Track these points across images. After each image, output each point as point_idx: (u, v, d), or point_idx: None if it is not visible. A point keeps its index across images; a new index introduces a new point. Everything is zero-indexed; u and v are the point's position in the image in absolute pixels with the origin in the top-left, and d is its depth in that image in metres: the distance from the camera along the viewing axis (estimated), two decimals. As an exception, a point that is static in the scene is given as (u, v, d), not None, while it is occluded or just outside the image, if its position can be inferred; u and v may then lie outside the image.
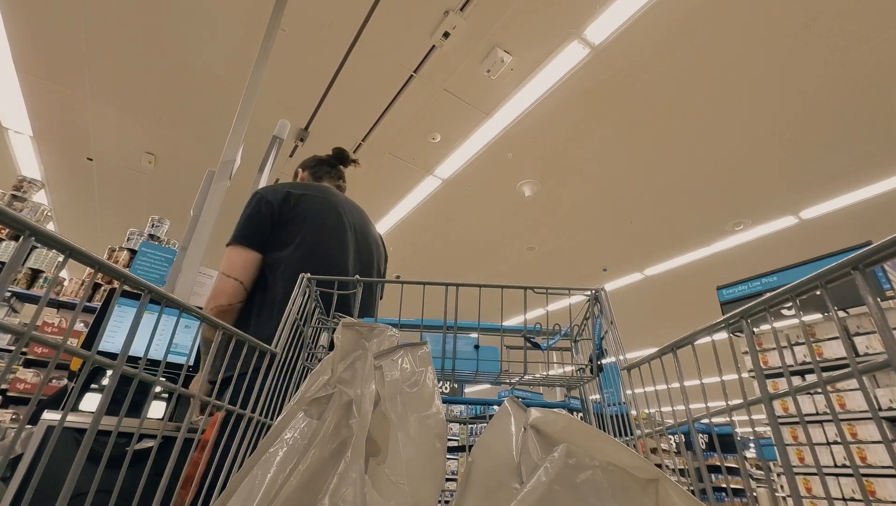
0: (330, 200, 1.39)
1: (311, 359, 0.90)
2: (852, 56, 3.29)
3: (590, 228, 5.65)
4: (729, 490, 0.52)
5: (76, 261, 0.43)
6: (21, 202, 4.21)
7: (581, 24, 3.20)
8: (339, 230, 1.35)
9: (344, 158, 1.68)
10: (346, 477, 0.40)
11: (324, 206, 1.36)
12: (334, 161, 1.66)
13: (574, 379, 0.87)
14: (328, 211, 1.35)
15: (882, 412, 3.19)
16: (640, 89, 3.68)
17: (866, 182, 4.52)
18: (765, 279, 4.22)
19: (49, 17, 3.46)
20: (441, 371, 0.91)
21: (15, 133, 4.73)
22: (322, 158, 1.66)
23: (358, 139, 4.47)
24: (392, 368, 0.53)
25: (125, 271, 0.49)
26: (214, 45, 3.61)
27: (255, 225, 1.25)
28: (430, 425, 0.47)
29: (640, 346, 9.27)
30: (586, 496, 0.37)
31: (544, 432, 0.44)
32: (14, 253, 0.39)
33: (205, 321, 0.62)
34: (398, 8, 3.21)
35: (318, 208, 1.34)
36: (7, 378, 3.39)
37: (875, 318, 0.31)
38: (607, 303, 0.78)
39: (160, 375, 0.57)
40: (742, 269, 5.52)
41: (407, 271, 7.09)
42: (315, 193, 1.38)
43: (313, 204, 1.33)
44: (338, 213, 1.38)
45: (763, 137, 4.07)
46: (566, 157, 4.48)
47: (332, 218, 1.35)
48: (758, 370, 0.43)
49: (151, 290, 0.53)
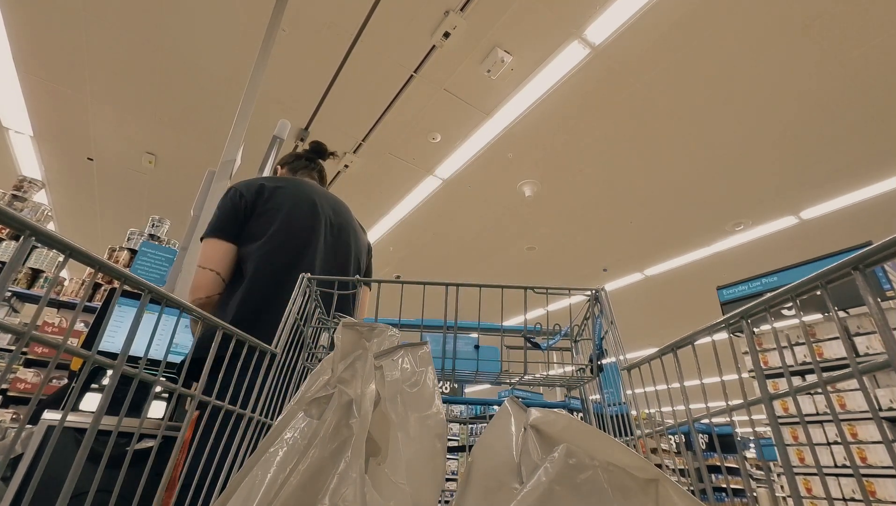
0: (303, 192, 1.38)
1: (311, 359, 0.90)
2: (852, 56, 3.29)
3: (590, 228, 5.65)
4: (729, 490, 0.52)
5: (76, 261, 0.43)
6: (21, 202, 4.22)
7: (581, 25, 3.20)
8: (312, 223, 1.34)
9: (321, 151, 1.67)
10: (346, 477, 0.40)
11: (297, 199, 1.35)
12: (312, 155, 1.66)
13: (574, 379, 0.87)
14: (301, 204, 1.34)
15: (882, 413, 3.19)
16: (640, 89, 3.68)
17: (867, 182, 4.52)
18: (765, 279, 4.22)
19: (50, 17, 3.46)
20: (441, 371, 0.91)
21: (15, 133, 4.74)
22: (299, 153, 1.66)
23: (358, 139, 4.47)
24: (392, 368, 0.53)
25: (125, 271, 0.49)
26: (215, 45, 3.61)
27: (229, 217, 1.26)
28: (430, 425, 0.47)
29: (641, 346, 9.27)
30: (586, 496, 0.37)
31: (544, 432, 0.44)
32: (14, 253, 0.39)
33: (205, 321, 0.62)
34: (398, 8, 3.21)
35: (291, 201, 1.33)
36: (7, 378, 3.39)
37: (875, 318, 0.31)
38: (607, 303, 0.78)
39: (160, 374, 0.57)
40: (742, 269, 5.51)
41: (407, 271, 7.09)
42: (289, 186, 1.37)
43: (286, 197, 1.33)
44: (311, 204, 1.37)
45: (763, 137, 4.07)
46: (566, 157, 4.48)
47: (304, 211, 1.34)
48: (758, 370, 0.43)
49: (151, 290, 0.53)
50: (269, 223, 1.27)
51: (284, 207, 1.31)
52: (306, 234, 1.32)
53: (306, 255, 1.29)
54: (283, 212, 1.30)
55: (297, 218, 1.31)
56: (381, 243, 6.35)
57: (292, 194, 1.35)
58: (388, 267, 7.03)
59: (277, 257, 1.23)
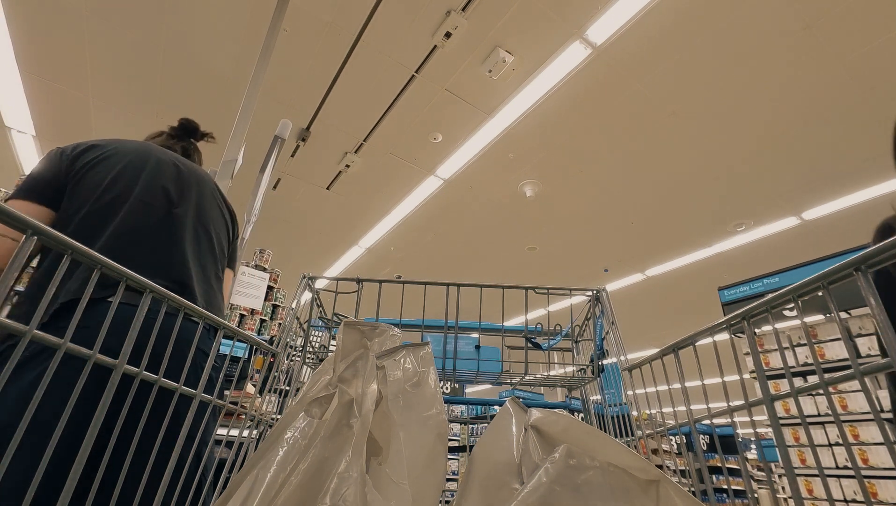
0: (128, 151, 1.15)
1: (305, 357, 0.91)
2: (855, 56, 3.28)
3: (591, 228, 5.64)
4: (730, 491, 0.52)
5: (78, 260, 0.43)
6: (23, 201, 4.22)
7: (583, 25, 3.20)
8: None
9: (189, 129, 1.40)
10: (347, 477, 0.40)
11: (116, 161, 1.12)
12: (178, 132, 1.39)
13: (575, 379, 0.87)
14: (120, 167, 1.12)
15: (884, 414, 3.17)
16: (641, 89, 3.67)
17: (869, 183, 4.51)
18: (766, 280, 4.22)
19: (52, 16, 3.47)
20: (442, 371, 0.91)
21: (17, 132, 4.75)
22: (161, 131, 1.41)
23: (359, 139, 4.47)
24: (394, 367, 0.53)
25: (127, 271, 0.49)
26: (216, 44, 3.62)
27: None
28: (431, 425, 0.47)
29: (641, 346, 9.26)
30: (587, 497, 0.37)
31: (545, 433, 0.44)
32: (17, 252, 0.39)
33: (206, 321, 0.62)
34: (400, 8, 3.21)
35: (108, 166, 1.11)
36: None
37: (877, 319, 0.31)
38: (608, 303, 0.78)
39: (161, 374, 0.57)
40: (744, 269, 5.50)
41: (408, 271, 7.10)
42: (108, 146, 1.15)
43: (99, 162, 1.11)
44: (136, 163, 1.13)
45: (765, 137, 4.07)
46: (568, 157, 4.48)
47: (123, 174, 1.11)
48: (759, 371, 0.43)
49: (153, 289, 0.53)
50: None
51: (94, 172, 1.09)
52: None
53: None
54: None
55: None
56: (381, 243, 6.36)
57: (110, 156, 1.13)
58: (390, 267, 7.04)
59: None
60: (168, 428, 0.57)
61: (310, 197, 5.41)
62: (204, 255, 1.14)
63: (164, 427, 0.56)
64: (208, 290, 1.12)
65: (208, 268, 1.15)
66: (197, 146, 1.45)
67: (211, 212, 1.22)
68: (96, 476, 0.50)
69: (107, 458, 0.50)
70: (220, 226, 1.25)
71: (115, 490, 0.51)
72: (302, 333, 0.98)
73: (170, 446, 0.56)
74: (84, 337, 0.50)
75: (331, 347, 1.07)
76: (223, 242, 1.25)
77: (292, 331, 0.89)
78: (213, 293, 1.14)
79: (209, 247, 1.17)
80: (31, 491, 0.40)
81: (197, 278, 1.07)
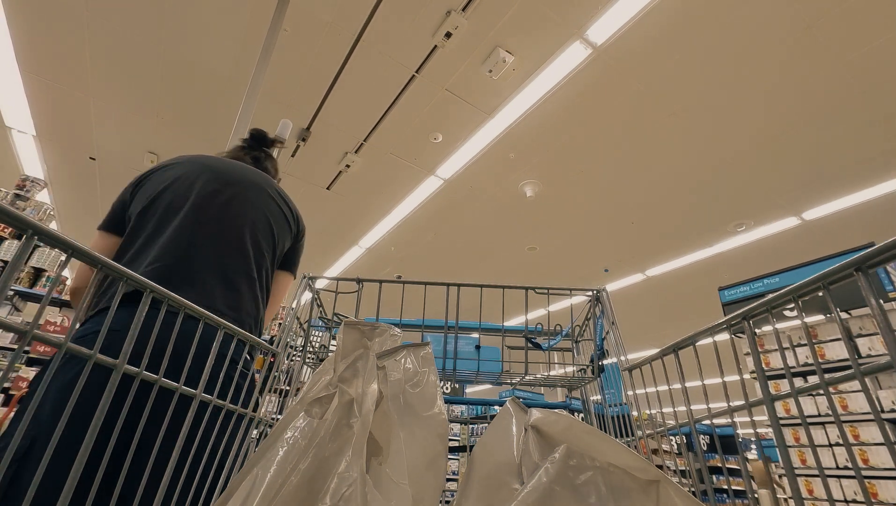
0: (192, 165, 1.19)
1: (306, 356, 0.91)
2: (855, 56, 3.28)
3: (591, 228, 5.64)
4: (730, 491, 0.52)
5: (78, 260, 0.43)
6: (24, 201, 4.23)
7: (583, 25, 3.20)
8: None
9: (260, 138, 1.48)
10: (347, 477, 0.40)
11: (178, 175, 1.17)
12: (251, 143, 1.47)
13: (575, 380, 0.87)
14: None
15: (884, 414, 3.18)
16: (641, 89, 3.67)
17: (869, 183, 4.51)
18: (767, 280, 4.22)
19: (52, 16, 3.47)
20: (442, 371, 0.91)
21: (18, 132, 4.75)
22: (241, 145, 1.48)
23: (360, 139, 4.47)
24: (395, 367, 0.53)
25: (127, 271, 0.49)
26: (217, 44, 3.62)
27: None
28: (431, 426, 0.47)
29: (642, 347, 9.25)
30: (587, 497, 0.37)
31: (545, 433, 0.43)
32: (17, 252, 0.39)
33: (205, 321, 0.62)
34: (400, 8, 3.21)
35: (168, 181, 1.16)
36: (10, 377, 3.40)
37: (877, 319, 0.31)
38: (609, 303, 0.78)
39: (161, 374, 0.57)
40: (744, 270, 5.51)
41: (408, 271, 7.09)
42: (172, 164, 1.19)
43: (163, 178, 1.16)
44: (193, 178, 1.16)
45: (766, 137, 4.06)
46: (568, 157, 4.48)
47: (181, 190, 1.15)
48: (759, 371, 0.43)
49: (153, 289, 0.53)
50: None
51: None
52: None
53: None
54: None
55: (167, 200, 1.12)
56: (382, 243, 6.36)
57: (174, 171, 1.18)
58: (390, 267, 7.04)
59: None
60: (188, 434, 0.58)
61: (310, 197, 5.41)
62: (230, 254, 1.08)
63: (183, 434, 0.57)
64: (228, 289, 1.05)
65: (231, 267, 1.07)
66: (270, 154, 1.51)
67: (250, 212, 1.16)
68: (118, 479, 0.51)
69: (128, 463, 0.51)
70: (263, 225, 1.18)
71: (115, 491, 0.52)
72: (302, 333, 0.98)
73: (189, 451, 0.58)
74: (113, 341, 0.56)
75: (331, 347, 1.07)
76: (263, 240, 1.16)
77: (292, 331, 0.89)
78: (234, 295, 1.06)
79: (239, 246, 1.10)
80: (67, 497, 0.42)
81: (211, 277, 1.03)
